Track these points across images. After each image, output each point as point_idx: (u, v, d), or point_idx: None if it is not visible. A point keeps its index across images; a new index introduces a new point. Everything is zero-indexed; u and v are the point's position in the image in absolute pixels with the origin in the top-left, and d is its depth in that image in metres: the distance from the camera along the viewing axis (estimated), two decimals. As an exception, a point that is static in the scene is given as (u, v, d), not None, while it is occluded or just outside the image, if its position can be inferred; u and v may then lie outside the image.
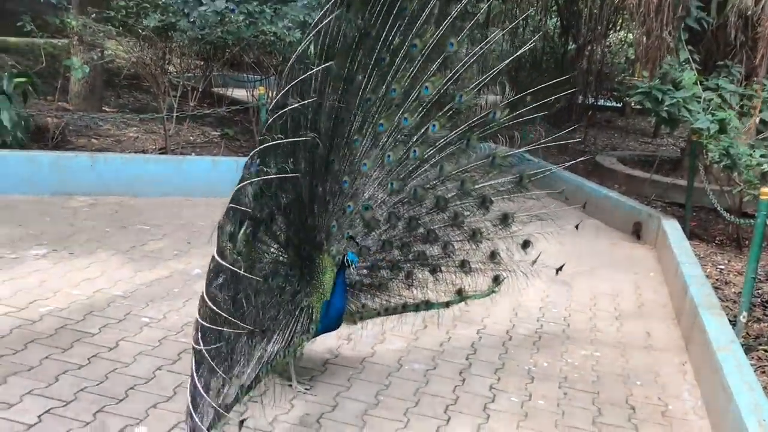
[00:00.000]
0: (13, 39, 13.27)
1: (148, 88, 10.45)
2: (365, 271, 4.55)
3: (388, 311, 4.67)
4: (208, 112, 10.52)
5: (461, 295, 4.81)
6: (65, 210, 7.33)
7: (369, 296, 4.60)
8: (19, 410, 3.70)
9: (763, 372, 4.82)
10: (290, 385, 4.30)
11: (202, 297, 3.27)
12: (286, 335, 4.04)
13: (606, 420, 4.33)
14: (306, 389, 4.31)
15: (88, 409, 3.80)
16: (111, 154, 8.57)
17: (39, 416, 3.67)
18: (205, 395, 3.19)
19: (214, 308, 3.25)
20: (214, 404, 3.22)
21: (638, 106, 8.69)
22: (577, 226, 5.32)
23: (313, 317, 4.15)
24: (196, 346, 3.23)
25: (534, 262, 4.66)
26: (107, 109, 10.92)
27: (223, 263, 3.34)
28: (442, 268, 4.70)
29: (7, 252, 5.91)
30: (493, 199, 4.59)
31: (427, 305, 4.74)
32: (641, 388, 4.80)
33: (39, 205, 7.35)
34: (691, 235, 8.14)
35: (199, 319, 3.25)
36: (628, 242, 8.49)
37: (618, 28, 16.98)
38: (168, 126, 9.33)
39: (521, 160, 4.57)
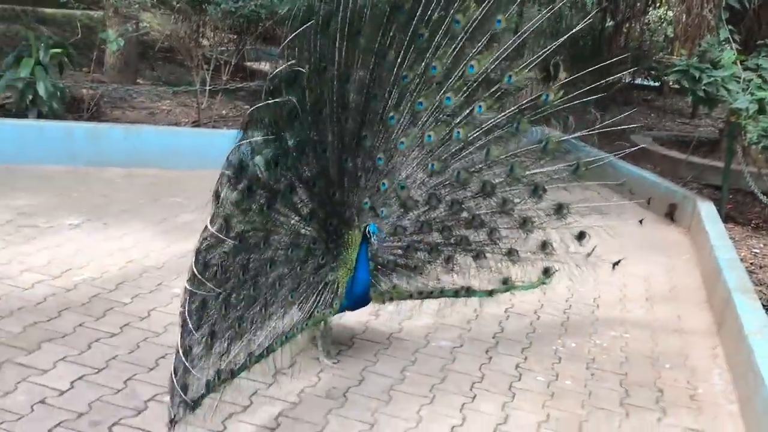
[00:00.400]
0: (49, 10, 13.41)
1: (182, 61, 10.53)
2: (400, 251, 4.44)
3: (423, 295, 4.54)
4: (240, 86, 10.56)
5: (507, 285, 4.65)
6: (99, 181, 7.42)
7: (403, 277, 4.47)
8: (52, 376, 3.78)
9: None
10: (317, 359, 4.34)
11: (190, 264, 3.32)
12: (306, 308, 4.03)
13: (633, 401, 4.30)
14: (333, 363, 4.34)
15: (119, 377, 3.87)
16: (145, 126, 8.66)
17: (71, 382, 3.75)
18: (185, 361, 3.19)
19: (196, 273, 3.29)
20: (190, 367, 3.21)
21: (676, 85, 8.52)
22: (641, 221, 5.39)
23: (338, 292, 4.13)
24: (180, 308, 3.29)
25: (589, 254, 4.53)
26: (141, 82, 11.01)
27: (213, 232, 3.39)
28: (487, 254, 4.51)
29: (42, 221, 6.01)
30: (546, 187, 4.39)
31: (468, 292, 4.59)
32: (670, 371, 4.76)
33: (74, 175, 7.46)
34: (726, 218, 8.01)
35: (186, 286, 3.30)
36: (662, 224, 8.38)
37: (657, 4, 16.60)
38: (201, 99, 9.38)
39: (575, 147, 4.39)
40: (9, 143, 7.50)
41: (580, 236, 4.52)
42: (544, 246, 4.54)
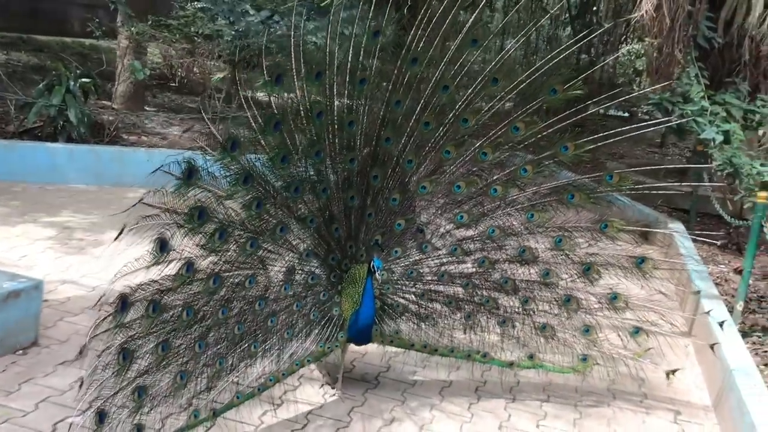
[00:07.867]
0: (43, 37, 14.04)
1: (178, 89, 11.16)
2: (413, 297, 4.17)
3: (428, 349, 4.15)
4: (239, 114, 11.20)
5: (533, 361, 4.17)
6: (128, 200, 7.98)
7: (411, 325, 4.17)
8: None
9: (756, 354, 5.49)
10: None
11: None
12: (307, 344, 3.88)
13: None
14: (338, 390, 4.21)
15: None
16: (164, 150, 9.28)
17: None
18: (136, 402, 3.17)
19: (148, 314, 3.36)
20: (146, 408, 3.20)
21: (646, 116, 9.30)
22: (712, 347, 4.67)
23: (343, 326, 3.98)
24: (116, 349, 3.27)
25: (639, 356, 4.13)
26: (148, 109, 11.64)
27: (177, 274, 3.42)
28: (516, 324, 4.10)
29: (87, 235, 6.62)
30: (600, 271, 4.03)
31: (484, 357, 4.15)
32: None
33: (103, 194, 8.07)
34: (694, 239, 8.80)
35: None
36: (638, 243, 9.12)
37: (630, 41, 17.68)
38: (210, 125, 10.02)
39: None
40: (42, 165, 8.11)
41: (636, 333, 4.10)
42: (588, 332, 4.09)
